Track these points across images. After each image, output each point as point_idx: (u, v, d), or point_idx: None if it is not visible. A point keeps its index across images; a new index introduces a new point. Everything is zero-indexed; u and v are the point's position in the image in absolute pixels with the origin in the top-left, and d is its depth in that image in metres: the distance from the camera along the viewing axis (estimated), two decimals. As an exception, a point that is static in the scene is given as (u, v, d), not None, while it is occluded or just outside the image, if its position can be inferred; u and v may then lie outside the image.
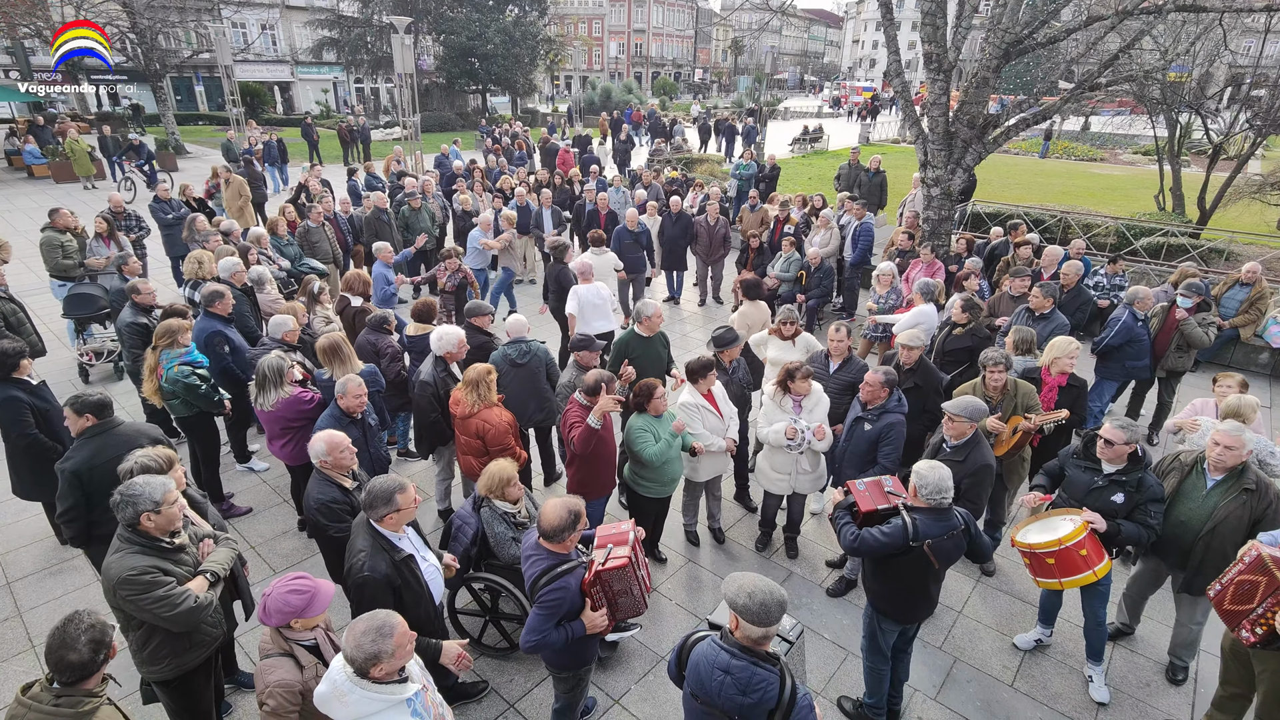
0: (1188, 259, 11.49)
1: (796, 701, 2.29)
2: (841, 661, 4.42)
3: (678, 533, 5.59)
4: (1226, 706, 3.78)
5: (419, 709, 2.46)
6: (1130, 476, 3.88)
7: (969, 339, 5.98)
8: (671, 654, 2.67)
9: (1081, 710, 4.13)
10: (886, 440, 4.53)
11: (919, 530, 3.35)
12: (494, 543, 4.02)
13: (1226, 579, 3.33)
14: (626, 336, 5.77)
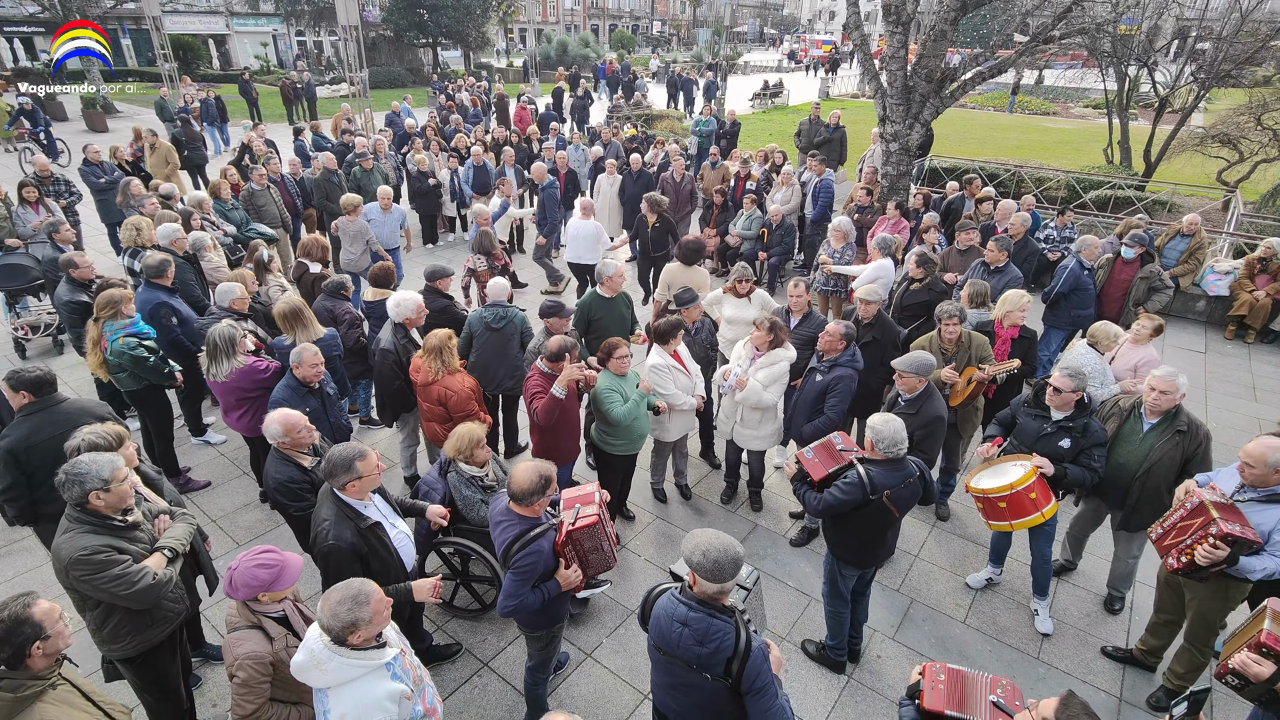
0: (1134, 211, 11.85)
1: (752, 649, 2.39)
2: (805, 607, 4.60)
3: (645, 490, 5.67)
4: (1159, 632, 4.06)
5: (398, 672, 2.49)
6: (1077, 423, 4.05)
7: (925, 293, 6.10)
8: (638, 607, 2.74)
9: (1027, 642, 4.38)
10: (834, 392, 4.65)
11: (875, 482, 3.47)
12: (462, 506, 4.03)
13: (1168, 523, 3.52)
14: (589, 299, 5.73)
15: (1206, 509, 3.30)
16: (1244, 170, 13.79)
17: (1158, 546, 3.57)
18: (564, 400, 4.32)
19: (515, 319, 5.42)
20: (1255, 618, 2.89)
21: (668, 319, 4.97)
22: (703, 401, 5.04)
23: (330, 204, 9.33)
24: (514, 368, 5.47)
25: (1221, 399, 7.40)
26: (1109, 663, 4.25)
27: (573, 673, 4.10)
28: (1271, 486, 3.36)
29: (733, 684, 2.41)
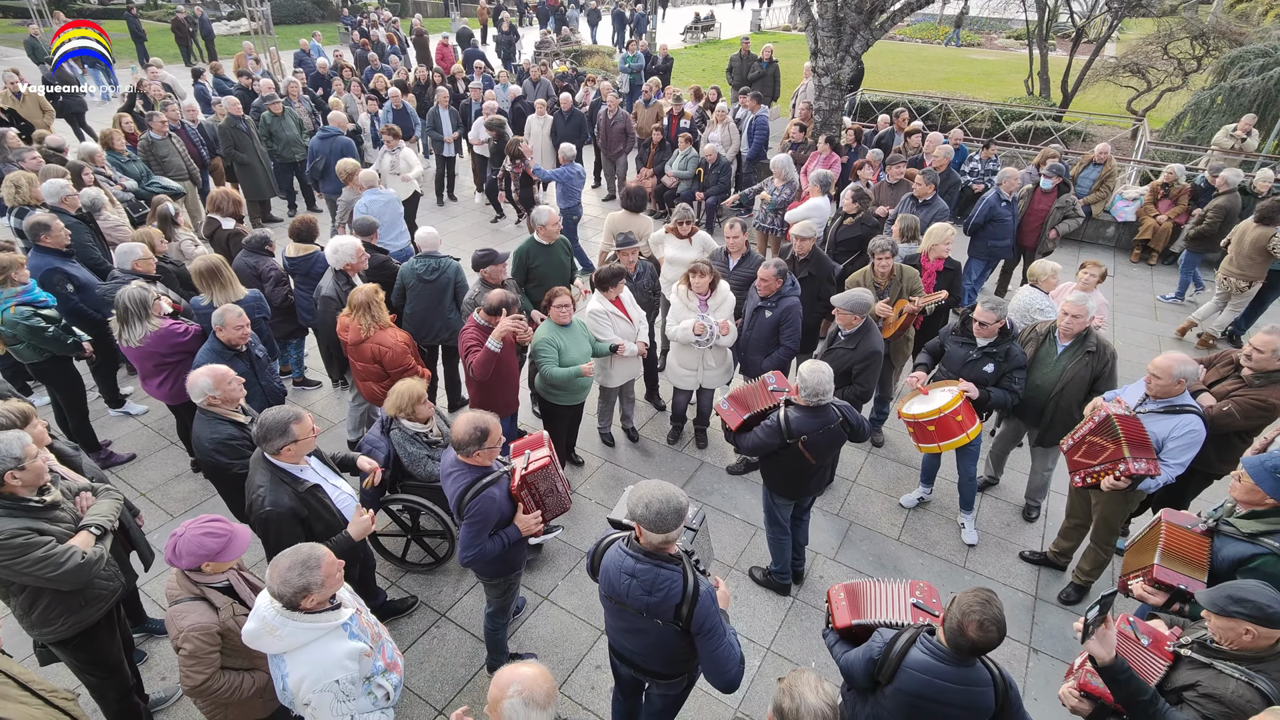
0: (1051, 141, 12.26)
1: (699, 594, 2.47)
2: (751, 536, 4.80)
3: (593, 435, 5.72)
4: (1069, 534, 4.43)
5: (356, 631, 2.48)
6: (1000, 348, 4.27)
7: (859, 228, 6.21)
8: (587, 558, 2.81)
9: (955, 553, 4.72)
10: (787, 322, 4.76)
11: (792, 428, 3.60)
12: (408, 463, 3.97)
13: (1078, 435, 3.79)
14: (525, 245, 5.59)
15: (1115, 432, 3.55)
16: (1151, 99, 14.40)
17: (1068, 457, 3.85)
18: (500, 354, 4.25)
19: (448, 270, 5.25)
20: (1152, 527, 3.16)
21: (608, 266, 4.92)
22: (645, 348, 5.04)
23: (239, 154, 8.69)
24: (449, 320, 5.33)
25: (1127, 319, 7.91)
26: (1026, 566, 4.62)
27: (530, 615, 4.19)
28: (1172, 398, 3.65)
29: (683, 627, 2.50)
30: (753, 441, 3.74)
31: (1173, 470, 3.57)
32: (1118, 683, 2.26)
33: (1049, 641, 4.10)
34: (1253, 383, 3.79)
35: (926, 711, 2.33)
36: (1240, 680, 2.25)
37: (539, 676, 1.92)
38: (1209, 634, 2.40)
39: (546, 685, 1.91)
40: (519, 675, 1.90)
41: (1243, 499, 2.94)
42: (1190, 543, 2.97)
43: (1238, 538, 2.90)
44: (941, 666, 2.26)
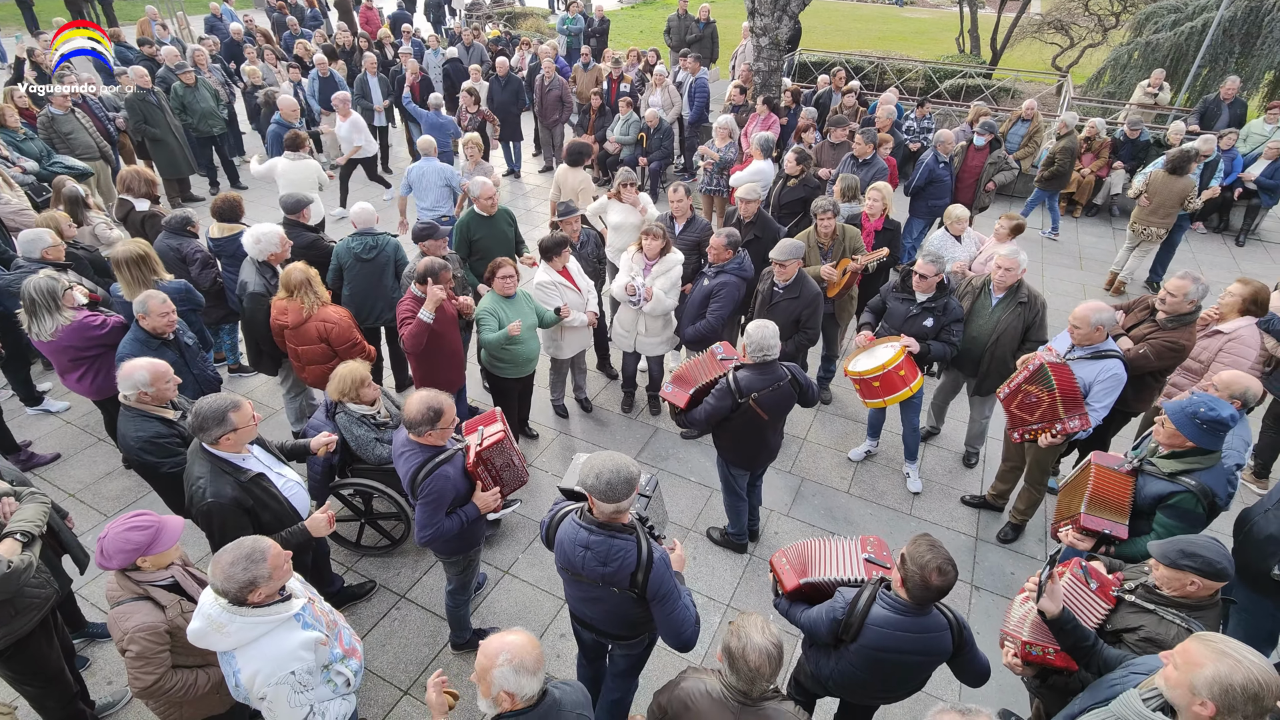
0: (981, 99, 12.55)
1: (654, 561, 2.51)
2: (707, 499, 4.89)
3: (546, 408, 5.69)
4: (1006, 477, 4.68)
5: (309, 621, 2.42)
6: (938, 302, 4.41)
7: (802, 189, 6.26)
8: (542, 530, 2.81)
9: (901, 501, 4.92)
10: (717, 298, 4.76)
11: (741, 386, 3.65)
12: (357, 447, 3.88)
13: (1014, 384, 3.97)
14: (466, 218, 5.44)
15: (1049, 379, 3.73)
16: (1074, 55, 14.87)
17: (1005, 407, 4.04)
18: (433, 326, 4.13)
19: (387, 247, 5.06)
20: (1083, 469, 3.35)
21: (551, 235, 4.84)
22: (595, 317, 5.01)
23: (150, 128, 8.11)
24: (392, 299, 5.15)
25: (1055, 270, 8.27)
26: (967, 509, 4.86)
27: (492, 590, 4.19)
28: (1096, 344, 3.85)
29: (639, 593, 2.54)
30: (705, 411, 3.75)
31: (1099, 414, 3.80)
32: (1064, 632, 2.41)
33: (989, 579, 4.34)
34: (1166, 325, 4.02)
35: (891, 662, 2.44)
36: (1181, 627, 2.39)
37: (527, 644, 1.94)
38: (1152, 580, 2.53)
39: (535, 652, 1.94)
40: (508, 644, 1.92)
41: (1165, 441, 3.13)
42: (1116, 483, 3.16)
43: (1159, 477, 3.10)
44: (902, 619, 2.37)
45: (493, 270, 4.42)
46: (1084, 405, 3.80)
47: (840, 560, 2.77)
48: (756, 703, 2.08)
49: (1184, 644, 1.90)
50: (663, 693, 2.29)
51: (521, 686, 1.91)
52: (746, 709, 2.08)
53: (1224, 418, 2.95)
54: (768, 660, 2.01)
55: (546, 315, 4.70)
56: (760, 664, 2.00)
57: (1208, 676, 1.78)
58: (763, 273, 4.83)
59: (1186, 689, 1.82)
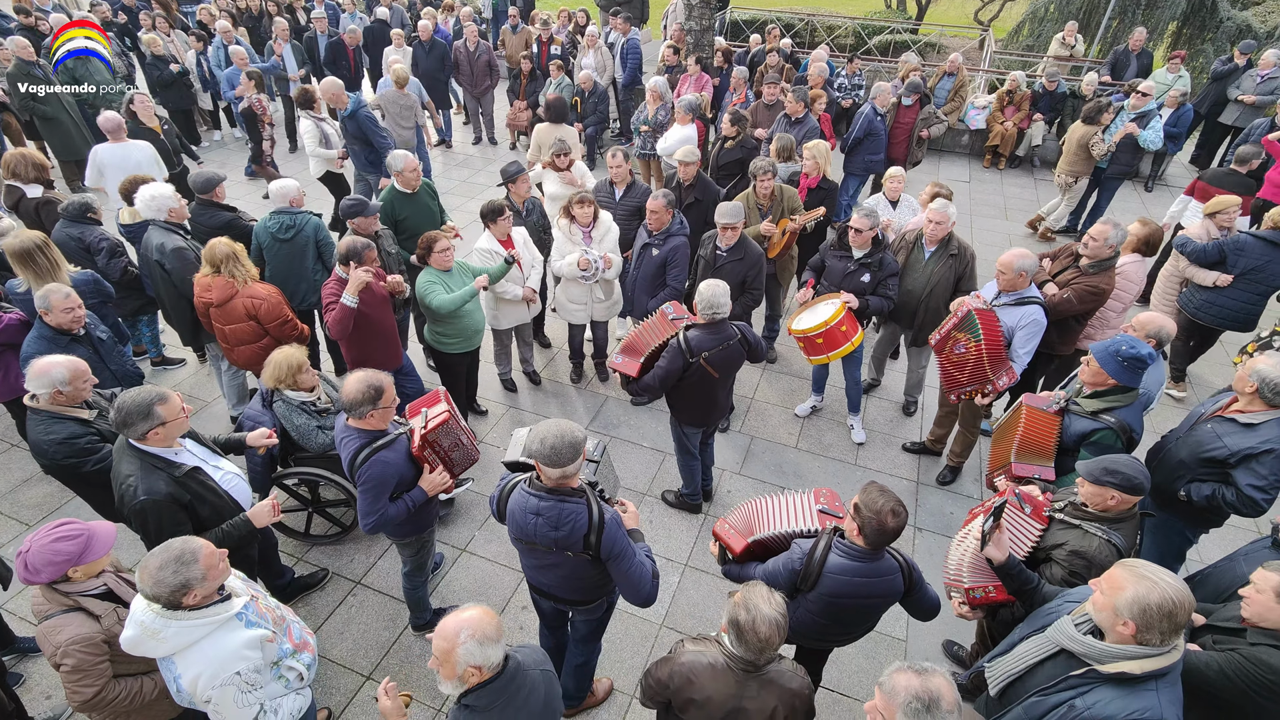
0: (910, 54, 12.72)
1: (605, 521, 2.52)
2: (660, 463, 4.93)
3: (494, 383, 5.60)
4: (942, 422, 4.88)
5: (252, 619, 2.33)
6: (874, 258, 4.50)
7: (739, 151, 6.25)
8: (492, 504, 2.79)
9: (847, 452, 5.08)
10: (673, 262, 4.74)
11: (692, 345, 3.67)
12: (298, 436, 3.73)
13: (944, 330, 4.13)
14: (388, 197, 5.15)
15: (975, 326, 3.88)
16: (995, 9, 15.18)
17: (935, 350, 4.19)
18: (361, 309, 3.97)
19: (306, 227, 4.78)
20: (1014, 411, 3.51)
21: (489, 202, 4.69)
22: (532, 294, 4.88)
23: (40, 106, 7.43)
24: (315, 281, 4.90)
25: (982, 221, 8.55)
26: (908, 455, 5.06)
27: (450, 569, 4.15)
28: (1019, 291, 4.02)
29: (593, 555, 2.55)
30: (657, 375, 3.73)
31: (1023, 359, 3.98)
32: (1010, 576, 2.56)
33: (931, 520, 4.54)
34: (1088, 270, 4.21)
35: (849, 608, 2.54)
36: (1102, 539, 2.61)
37: (484, 615, 1.93)
38: (1079, 498, 2.74)
39: (494, 621, 1.93)
40: (465, 620, 1.89)
41: (1088, 380, 3.31)
42: (1045, 423, 3.35)
43: (1083, 415, 3.28)
44: (858, 564, 2.45)
45: (428, 245, 4.25)
46: (1008, 361, 3.97)
47: (792, 514, 2.83)
48: (763, 668, 2.13)
49: (1109, 571, 2.03)
50: (660, 666, 2.29)
51: (488, 657, 1.91)
52: (752, 676, 2.12)
53: (1143, 355, 3.15)
54: (777, 630, 2.04)
55: (495, 268, 4.57)
56: (770, 634, 2.03)
57: (1128, 598, 1.91)
58: (703, 238, 4.81)
59: (1111, 611, 1.95)
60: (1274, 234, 4.90)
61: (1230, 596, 2.54)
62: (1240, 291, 5.08)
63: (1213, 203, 5.33)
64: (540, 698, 2.06)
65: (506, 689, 1.97)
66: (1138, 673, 1.92)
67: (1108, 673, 1.97)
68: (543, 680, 2.10)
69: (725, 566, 2.88)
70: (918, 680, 1.76)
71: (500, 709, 1.96)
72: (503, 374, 5.55)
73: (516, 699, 1.99)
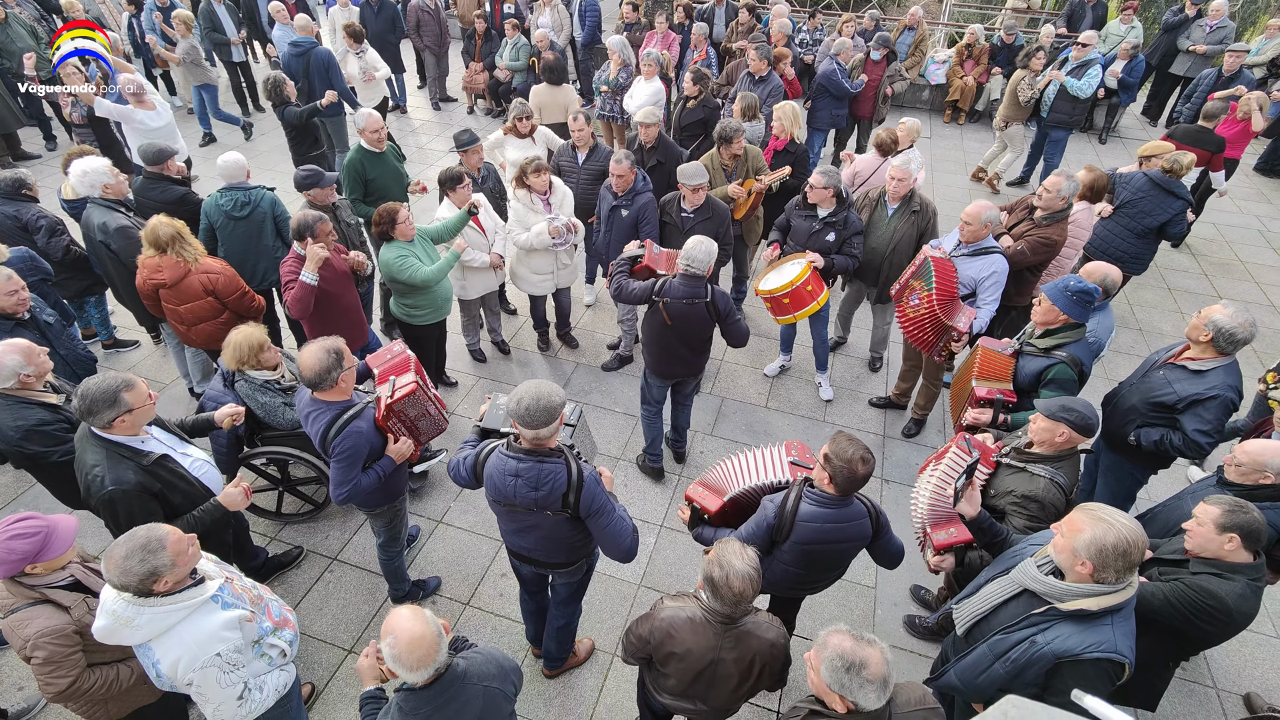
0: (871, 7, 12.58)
1: (584, 479, 2.55)
2: (633, 428, 4.96)
3: (462, 354, 5.54)
4: (907, 376, 4.98)
5: (229, 600, 2.31)
6: (839, 217, 4.50)
7: (701, 110, 6.14)
8: (451, 470, 2.79)
9: (816, 410, 5.17)
10: (644, 219, 4.69)
11: (663, 287, 3.73)
12: (264, 415, 3.66)
13: (903, 279, 4.21)
14: (354, 157, 5.00)
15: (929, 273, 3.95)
16: (953, -40, 15.02)
17: (895, 299, 4.28)
18: (322, 286, 3.85)
19: (261, 202, 4.59)
20: (970, 355, 3.63)
21: (448, 169, 4.56)
22: (499, 260, 4.82)
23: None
24: (275, 257, 4.70)
25: (943, 176, 8.63)
26: (874, 410, 5.17)
27: (427, 541, 4.15)
28: (980, 242, 4.08)
29: (572, 513, 2.58)
30: (625, 292, 3.90)
31: (989, 308, 4.07)
32: (981, 530, 2.64)
33: (896, 471, 4.67)
34: (1041, 222, 4.29)
35: (821, 554, 2.61)
36: (1045, 479, 2.73)
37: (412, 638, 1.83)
38: (1023, 440, 2.86)
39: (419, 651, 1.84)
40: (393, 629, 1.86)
41: (1040, 320, 3.42)
42: (1000, 363, 3.48)
43: (1036, 354, 3.40)
44: (828, 511, 2.52)
45: (388, 218, 4.11)
46: (960, 303, 4.05)
47: (764, 467, 2.88)
48: (739, 620, 2.19)
49: (1069, 515, 2.12)
50: (641, 623, 2.35)
51: (402, 674, 1.87)
52: (729, 629, 2.19)
53: (1090, 289, 3.30)
54: (750, 584, 2.10)
55: (453, 219, 4.48)
56: (744, 588, 2.09)
57: (1085, 539, 2.00)
58: (663, 201, 4.76)
59: (1070, 553, 2.05)
60: (1160, 175, 5.07)
61: (1177, 532, 2.67)
62: (1118, 225, 5.28)
63: (1148, 146, 5.46)
64: (473, 714, 1.98)
65: (435, 700, 1.91)
66: (1095, 609, 2.02)
67: (1067, 610, 2.06)
68: (482, 697, 2.00)
69: (697, 530, 2.92)
70: (850, 642, 1.84)
71: (425, 717, 1.91)
72: (471, 345, 5.48)
73: (444, 711, 1.92)
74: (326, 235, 3.88)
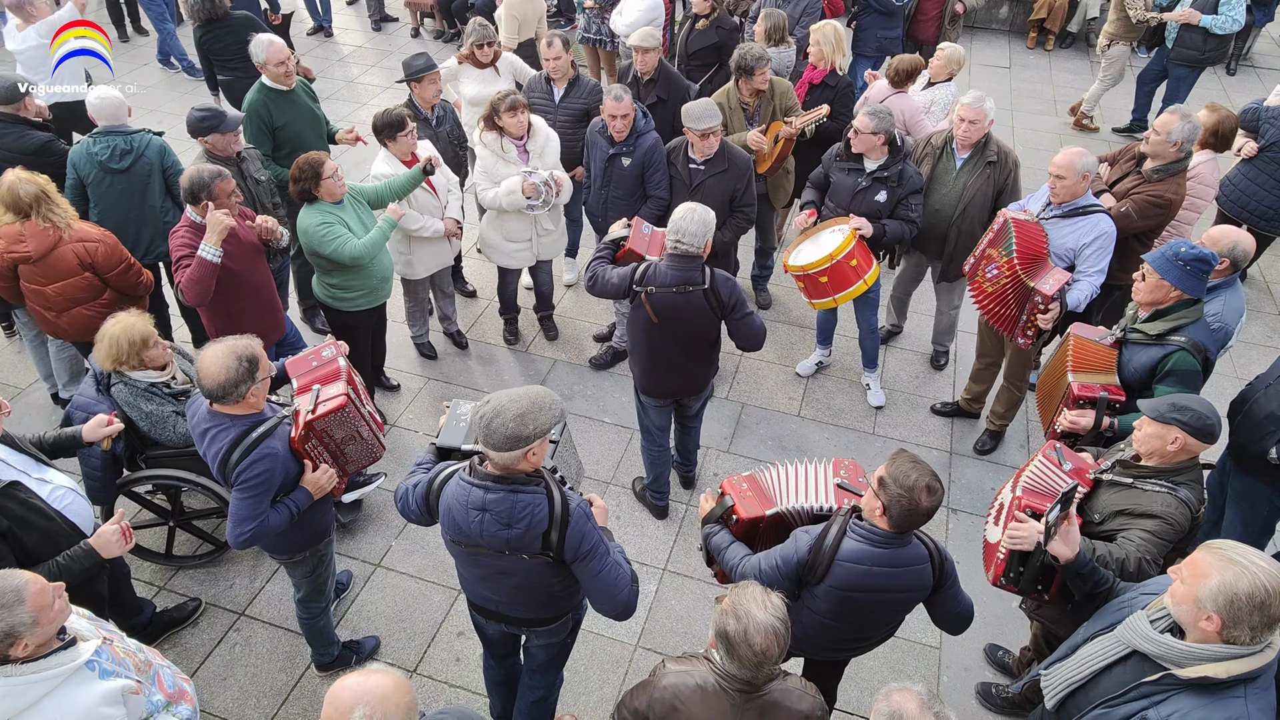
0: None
1: (570, 512, 2.52)
2: (628, 442, 4.97)
3: (407, 348, 5.55)
4: (981, 377, 5.00)
5: (108, 667, 2.31)
6: (892, 171, 4.51)
7: (714, 34, 6.14)
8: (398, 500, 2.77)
9: (863, 419, 5.19)
10: (653, 166, 4.70)
11: (643, 273, 3.63)
12: (149, 427, 3.65)
13: (977, 251, 4.21)
14: (259, 97, 4.95)
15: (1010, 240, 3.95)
16: None
17: (969, 276, 4.29)
18: (227, 264, 3.84)
19: (149, 151, 4.56)
20: (1060, 348, 3.64)
21: (386, 111, 4.54)
22: (456, 226, 4.84)
23: None
24: (164, 223, 4.66)
25: (1026, 117, 8.65)
26: (939, 420, 5.20)
27: (362, 590, 4.16)
28: (1078, 199, 4.07)
29: (555, 556, 2.55)
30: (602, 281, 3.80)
31: (1094, 280, 4.05)
32: (1081, 576, 2.59)
33: (967, 498, 4.69)
34: (1151, 177, 4.30)
35: (865, 604, 2.61)
36: (1164, 493, 2.72)
37: (392, 690, 1.83)
38: (1130, 452, 2.86)
39: (403, 700, 1.84)
40: (365, 691, 1.80)
41: (1146, 300, 3.43)
42: (1098, 353, 3.49)
43: (1145, 343, 3.40)
44: (879, 551, 2.51)
45: (310, 171, 4.09)
46: (1050, 264, 4.06)
47: (807, 485, 2.89)
48: (762, 687, 2.17)
49: (1192, 555, 2.12)
50: (637, 695, 2.32)
51: None
52: (750, 699, 2.16)
53: (1206, 254, 3.28)
54: (775, 640, 2.07)
55: (401, 179, 4.49)
56: (768, 645, 2.06)
57: (1213, 587, 2.00)
58: (668, 147, 4.75)
59: (1192, 603, 2.04)
60: None
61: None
62: (1261, 174, 5.31)
63: None
64: None
65: None
66: (1223, 676, 2.02)
67: (1187, 678, 2.07)
68: None
69: (710, 529, 2.91)
70: (915, 707, 1.85)
71: None
72: (418, 336, 5.49)
73: None
74: (229, 196, 3.86)
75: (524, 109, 4.65)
